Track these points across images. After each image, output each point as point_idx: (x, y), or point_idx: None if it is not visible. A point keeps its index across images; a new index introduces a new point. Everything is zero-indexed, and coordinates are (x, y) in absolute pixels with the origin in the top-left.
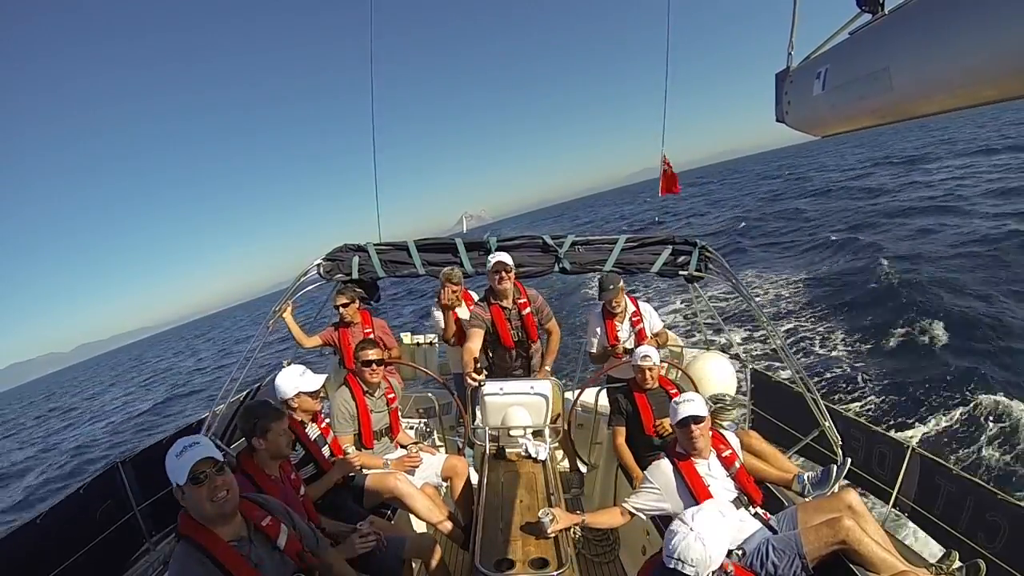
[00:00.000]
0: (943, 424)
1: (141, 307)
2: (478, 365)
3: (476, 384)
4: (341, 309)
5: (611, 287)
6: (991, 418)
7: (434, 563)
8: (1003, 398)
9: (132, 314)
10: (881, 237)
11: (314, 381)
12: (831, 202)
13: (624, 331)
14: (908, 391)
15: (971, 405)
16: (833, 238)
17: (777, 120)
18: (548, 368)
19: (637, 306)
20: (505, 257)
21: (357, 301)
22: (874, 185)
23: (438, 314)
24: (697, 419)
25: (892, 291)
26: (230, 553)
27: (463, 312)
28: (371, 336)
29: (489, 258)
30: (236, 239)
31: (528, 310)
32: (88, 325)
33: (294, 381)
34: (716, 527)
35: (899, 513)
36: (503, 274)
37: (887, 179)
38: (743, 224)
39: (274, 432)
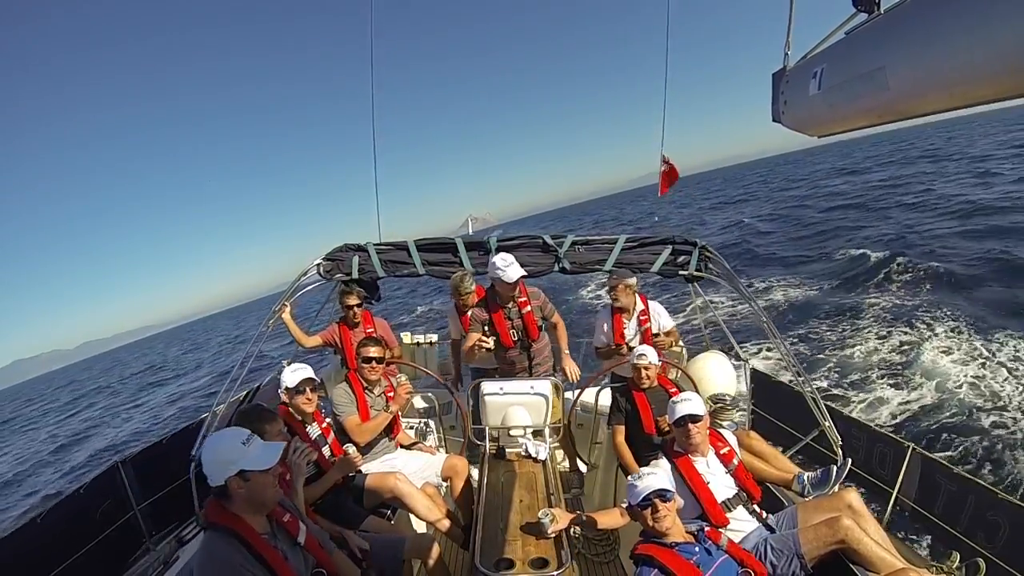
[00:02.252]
0: (946, 421)
1: (143, 306)
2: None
3: (487, 347)
4: (355, 310)
5: (615, 276)
6: (998, 418)
7: (434, 563)
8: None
9: (134, 313)
10: (881, 234)
11: (317, 376)
12: (831, 202)
13: (631, 329)
14: (909, 388)
15: (974, 402)
16: (834, 238)
17: (773, 120)
18: (567, 353)
19: (646, 305)
20: (518, 271)
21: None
22: (874, 182)
23: (453, 320)
24: (694, 418)
25: (893, 288)
26: (263, 542)
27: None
28: (374, 335)
29: (505, 268)
30: (239, 240)
31: (528, 308)
32: (92, 323)
33: (301, 372)
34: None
35: (899, 513)
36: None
37: (889, 176)
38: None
39: (270, 434)
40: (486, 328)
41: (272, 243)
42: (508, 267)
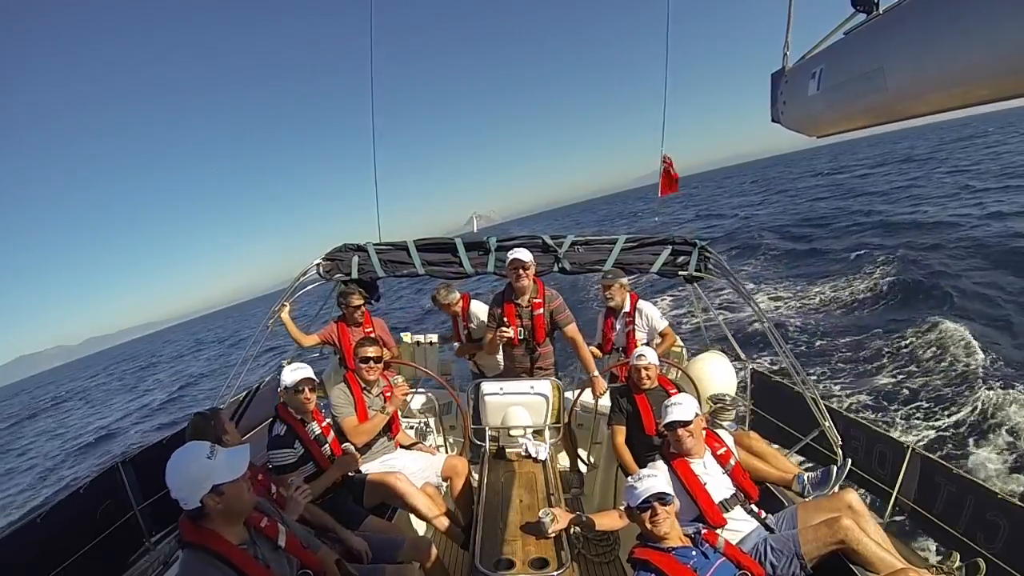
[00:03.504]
0: (946, 420)
1: (148, 303)
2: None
3: (508, 335)
4: (356, 311)
5: (609, 275)
6: (994, 415)
7: (433, 564)
8: (1008, 392)
9: (139, 309)
10: (883, 234)
11: (315, 376)
12: (833, 203)
13: (617, 330)
14: (909, 388)
15: (974, 401)
16: (833, 237)
17: (773, 120)
18: (597, 376)
19: (634, 307)
20: (523, 254)
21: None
22: (874, 185)
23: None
24: (682, 424)
25: (892, 287)
26: (242, 555)
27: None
28: (372, 335)
29: (508, 254)
30: (241, 236)
31: (540, 311)
32: (97, 319)
33: (300, 371)
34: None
35: (899, 513)
36: (520, 271)
37: (888, 178)
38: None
39: (228, 431)
40: (505, 320)
41: (275, 239)
42: (521, 248)
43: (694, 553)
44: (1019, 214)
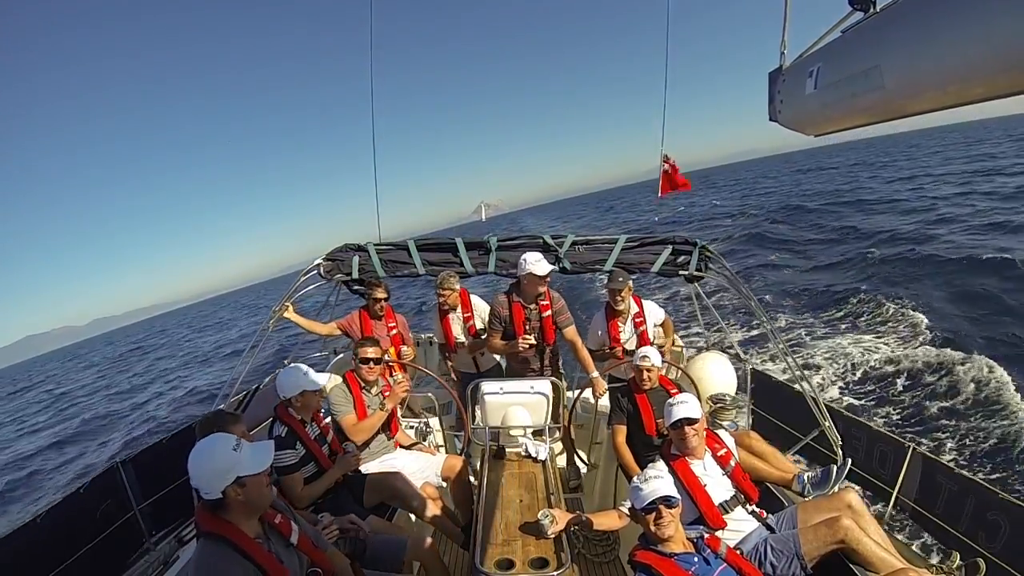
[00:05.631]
0: (947, 419)
1: (153, 285)
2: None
3: (529, 344)
4: (377, 304)
5: (620, 279)
6: (996, 413)
7: (434, 563)
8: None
9: (146, 291)
10: (881, 234)
11: (317, 379)
12: (835, 202)
13: (626, 331)
14: (910, 388)
15: (977, 401)
16: (835, 237)
17: (770, 119)
18: (596, 376)
19: (641, 307)
20: (542, 266)
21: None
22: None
23: (436, 323)
24: (690, 421)
25: (891, 288)
26: (258, 548)
27: (456, 317)
28: (395, 330)
29: (535, 262)
30: (249, 220)
31: (548, 312)
32: (103, 300)
33: (297, 380)
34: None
35: (900, 513)
36: (543, 281)
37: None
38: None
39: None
40: (527, 327)
41: (283, 223)
42: (538, 262)
43: (696, 559)
44: None
